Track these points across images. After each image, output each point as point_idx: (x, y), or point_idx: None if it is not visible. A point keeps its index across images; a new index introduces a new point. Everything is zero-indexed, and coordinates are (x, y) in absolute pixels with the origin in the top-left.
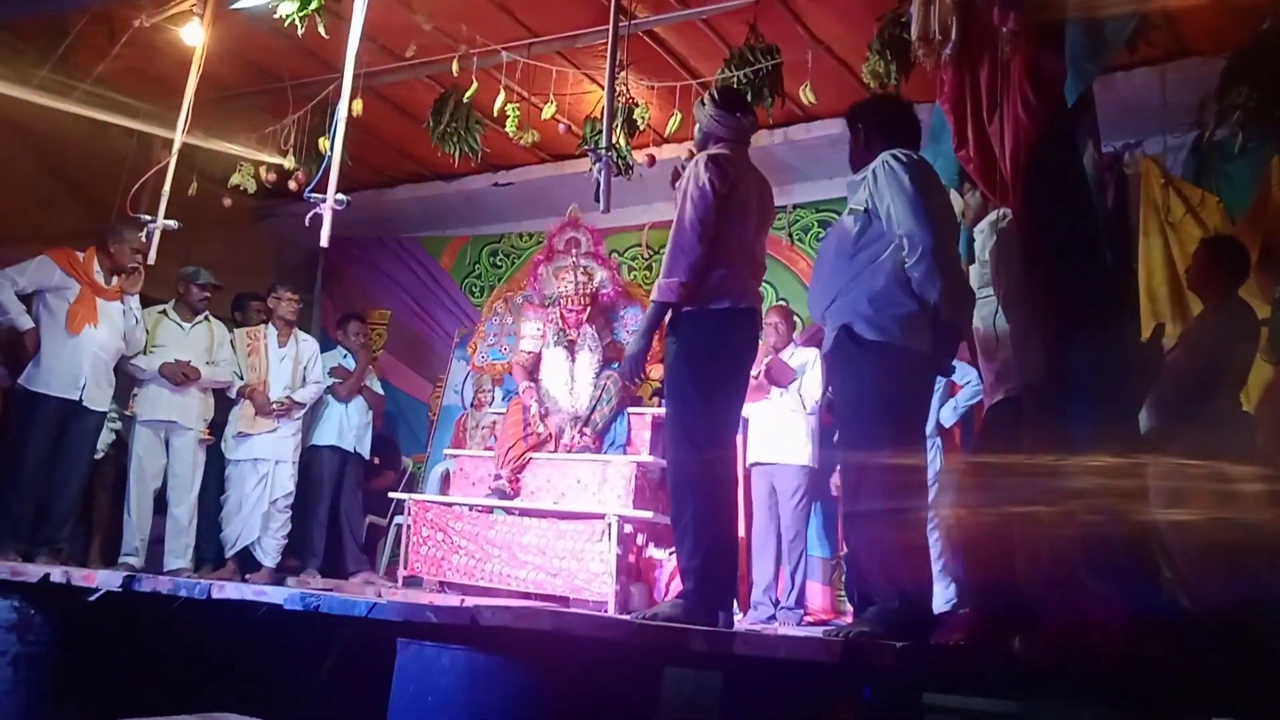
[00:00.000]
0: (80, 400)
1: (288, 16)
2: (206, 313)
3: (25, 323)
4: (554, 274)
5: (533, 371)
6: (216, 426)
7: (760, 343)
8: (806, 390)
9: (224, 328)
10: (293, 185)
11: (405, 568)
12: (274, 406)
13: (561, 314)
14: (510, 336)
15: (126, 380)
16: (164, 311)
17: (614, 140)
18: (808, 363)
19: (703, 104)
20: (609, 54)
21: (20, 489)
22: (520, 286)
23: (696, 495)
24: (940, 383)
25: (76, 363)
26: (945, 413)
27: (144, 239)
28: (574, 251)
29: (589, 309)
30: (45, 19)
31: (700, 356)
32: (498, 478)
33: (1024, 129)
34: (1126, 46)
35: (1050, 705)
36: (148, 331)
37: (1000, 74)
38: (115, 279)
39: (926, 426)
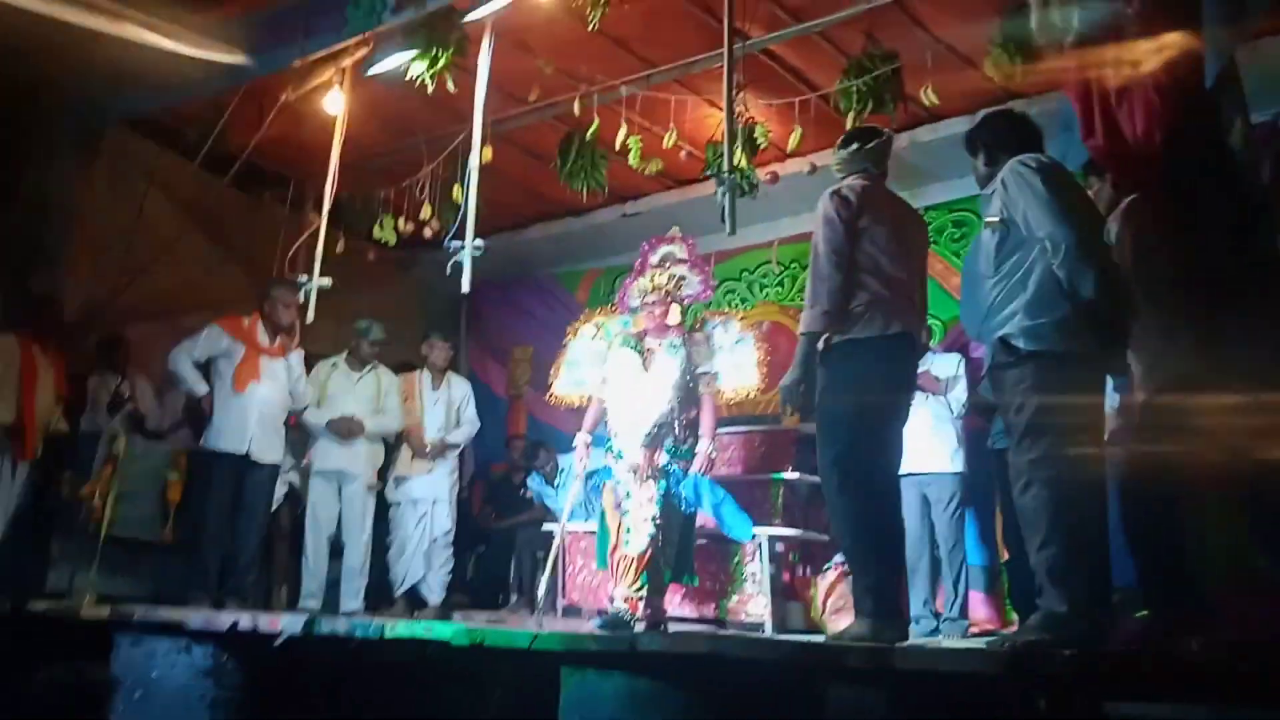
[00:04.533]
0: (249, 454)
1: (419, 77)
2: (375, 363)
3: (201, 389)
4: (640, 286)
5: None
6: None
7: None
8: (953, 396)
9: (391, 376)
10: (428, 233)
11: (563, 597)
12: (429, 449)
13: (649, 323)
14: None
15: (303, 434)
16: (335, 364)
17: (735, 162)
18: (952, 369)
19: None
20: (725, 77)
21: (206, 543)
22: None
23: (861, 520)
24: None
25: (243, 419)
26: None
27: (297, 296)
28: (668, 263)
29: (673, 310)
30: (202, 101)
31: (851, 386)
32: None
33: (1155, 111)
34: (1270, 10)
35: (1245, 713)
36: (323, 384)
37: (1128, 56)
38: (278, 338)
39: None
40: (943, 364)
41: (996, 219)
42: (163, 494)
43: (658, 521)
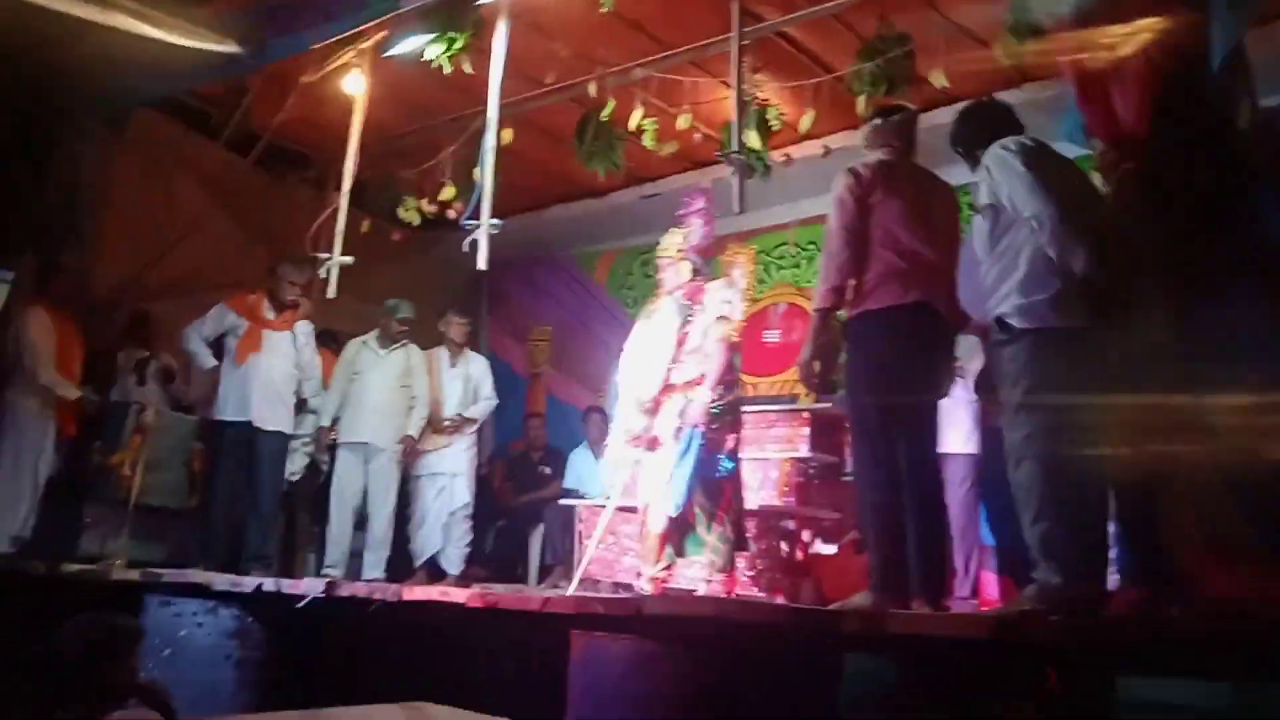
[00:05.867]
0: (251, 421)
1: (435, 59)
2: (405, 342)
3: (209, 363)
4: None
5: None
6: None
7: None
8: (969, 378)
9: (420, 354)
10: (451, 214)
11: (579, 570)
12: (446, 424)
13: (663, 286)
14: None
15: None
16: (365, 342)
17: (745, 143)
18: (969, 350)
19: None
20: (732, 60)
21: (214, 509)
22: None
23: (876, 492)
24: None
25: (245, 388)
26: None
27: (304, 275)
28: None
29: (680, 267)
30: (226, 83)
31: (870, 357)
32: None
33: (1148, 89)
34: None
35: (1266, 692)
36: (351, 361)
37: (1127, 34)
38: (284, 312)
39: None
40: (963, 344)
41: (986, 202)
42: (189, 463)
43: (666, 493)
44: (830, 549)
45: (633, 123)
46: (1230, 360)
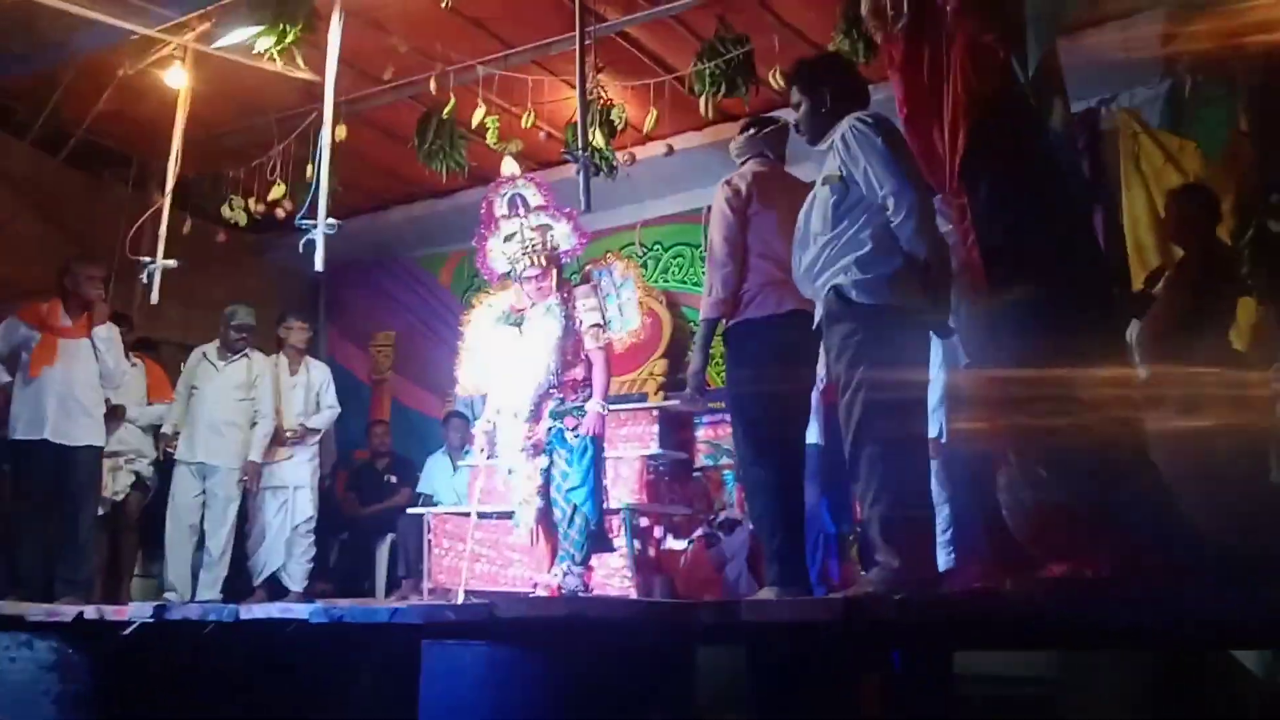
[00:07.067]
0: (48, 438)
1: (266, 51)
2: (246, 350)
3: (1, 379)
4: (504, 247)
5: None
6: None
7: None
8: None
9: (264, 363)
10: (280, 213)
11: (429, 580)
12: (288, 434)
13: (526, 291)
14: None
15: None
16: (205, 353)
17: (591, 141)
18: None
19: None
20: (577, 58)
21: (25, 533)
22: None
23: (772, 489)
24: None
25: (38, 404)
26: None
27: (103, 270)
28: (522, 211)
29: (552, 273)
30: (34, 75)
31: (748, 365)
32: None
33: (962, 106)
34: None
35: (1084, 663)
36: (192, 372)
37: (945, 51)
38: (81, 316)
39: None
40: None
41: (835, 175)
42: None
43: (542, 499)
44: (681, 544)
45: (475, 120)
46: (1051, 339)
